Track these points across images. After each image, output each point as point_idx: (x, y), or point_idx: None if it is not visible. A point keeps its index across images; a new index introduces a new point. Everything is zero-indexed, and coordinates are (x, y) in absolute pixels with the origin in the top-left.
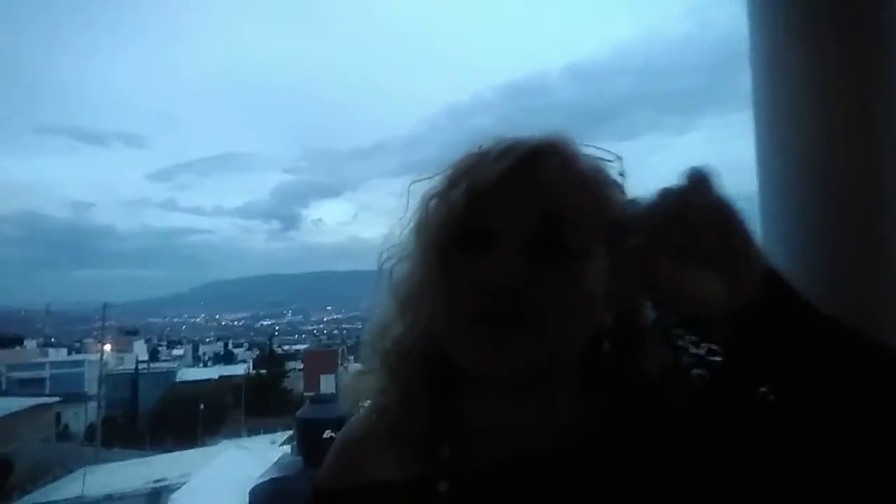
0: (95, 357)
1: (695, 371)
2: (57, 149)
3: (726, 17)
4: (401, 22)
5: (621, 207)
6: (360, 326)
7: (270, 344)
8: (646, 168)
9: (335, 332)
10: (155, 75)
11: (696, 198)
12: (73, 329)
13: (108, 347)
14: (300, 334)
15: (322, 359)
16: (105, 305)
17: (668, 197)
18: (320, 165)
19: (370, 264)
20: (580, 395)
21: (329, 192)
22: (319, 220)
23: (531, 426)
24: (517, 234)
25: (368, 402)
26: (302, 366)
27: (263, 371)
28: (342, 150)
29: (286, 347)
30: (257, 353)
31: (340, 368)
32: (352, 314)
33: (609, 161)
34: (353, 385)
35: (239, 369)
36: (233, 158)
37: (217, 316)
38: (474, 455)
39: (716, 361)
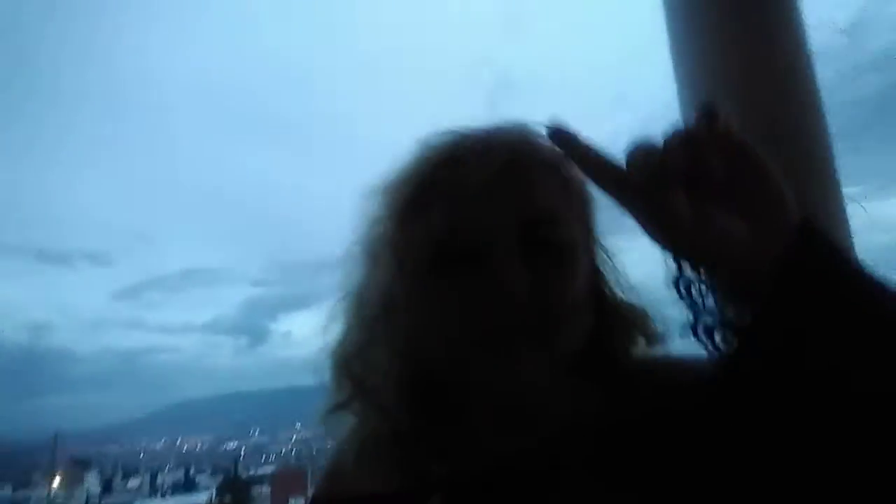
0: (43, 493)
1: (711, 344)
2: (17, 270)
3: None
4: (373, 139)
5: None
6: (330, 446)
7: (235, 468)
8: None
9: (304, 451)
10: (123, 191)
11: (706, 130)
12: (21, 462)
13: (56, 481)
14: (268, 455)
15: (290, 481)
16: (56, 435)
17: (676, 130)
18: (289, 277)
19: None
20: (576, 393)
21: (298, 303)
22: (288, 333)
23: (526, 437)
24: (510, 242)
25: (350, 429)
26: (269, 490)
27: (227, 499)
28: (311, 261)
29: (252, 471)
30: (221, 478)
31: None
32: (321, 432)
33: None
34: (330, 418)
35: (200, 498)
36: (201, 273)
37: (178, 440)
38: (467, 469)
39: (741, 329)
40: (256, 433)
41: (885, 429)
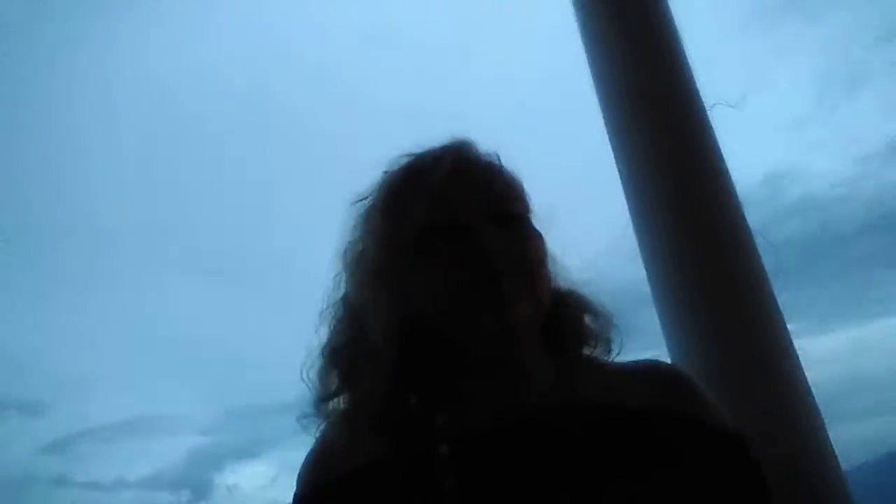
0: None
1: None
2: None
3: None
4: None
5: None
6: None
7: None
8: None
9: None
10: (62, 336)
11: None
12: None
13: None
14: None
15: None
16: None
17: None
18: (241, 424)
19: None
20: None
21: (247, 452)
22: (235, 485)
23: (520, 388)
24: (480, 214)
25: (336, 415)
26: None
27: None
28: (265, 406)
29: None
30: None
31: None
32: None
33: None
34: (316, 409)
35: None
36: (143, 422)
37: None
38: (471, 419)
39: None
40: None
41: None
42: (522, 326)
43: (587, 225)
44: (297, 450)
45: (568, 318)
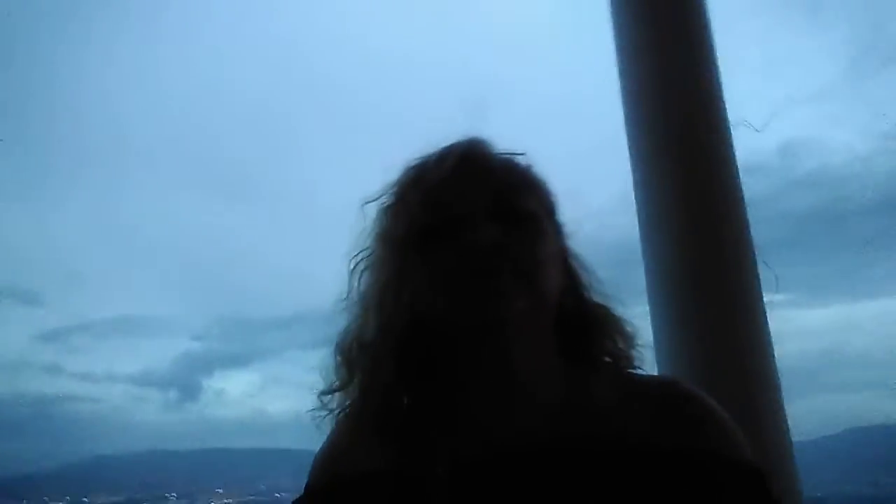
0: None
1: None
2: None
3: (623, 219)
4: (334, 203)
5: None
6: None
7: None
8: None
9: None
10: (62, 231)
11: None
12: None
13: None
14: None
15: None
16: None
17: None
18: (233, 334)
19: (274, 441)
20: (565, 378)
21: (236, 361)
22: (222, 390)
23: (524, 416)
24: (482, 208)
25: (344, 414)
26: None
27: None
28: (259, 319)
29: None
30: None
31: None
32: (246, 498)
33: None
34: (328, 401)
35: None
36: (137, 322)
37: (85, 499)
38: (475, 435)
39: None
40: (174, 497)
41: None
42: (516, 320)
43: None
44: (286, 363)
45: (591, 327)
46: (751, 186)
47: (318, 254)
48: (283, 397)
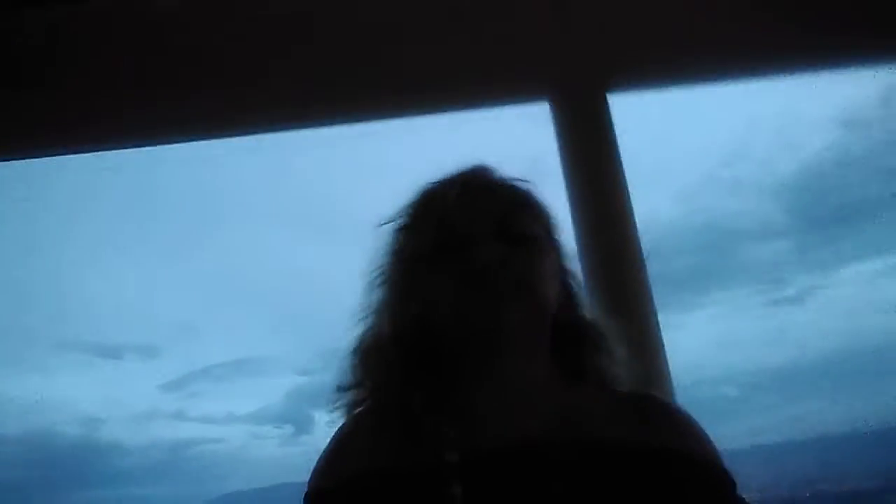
0: None
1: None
2: (74, 364)
3: (713, 202)
4: None
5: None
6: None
7: None
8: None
9: None
10: (169, 283)
11: None
12: None
13: None
14: None
15: None
16: None
17: None
18: (333, 364)
19: None
20: (564, 389)
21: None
22: (333, 421)
23: (529, 423)
24: (486, 229)
25: (356, 413)
26: None
27: None
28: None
29: None
30: None
31: None
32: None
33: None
34: (344, 400)
35: None
36: (247, 364)
37: None
38: (480, 432)
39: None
40: None
41: None
42: (514, 330)
43: None
44: None
45: (583, 342)
46: (849, 142)
47: None
48: None
